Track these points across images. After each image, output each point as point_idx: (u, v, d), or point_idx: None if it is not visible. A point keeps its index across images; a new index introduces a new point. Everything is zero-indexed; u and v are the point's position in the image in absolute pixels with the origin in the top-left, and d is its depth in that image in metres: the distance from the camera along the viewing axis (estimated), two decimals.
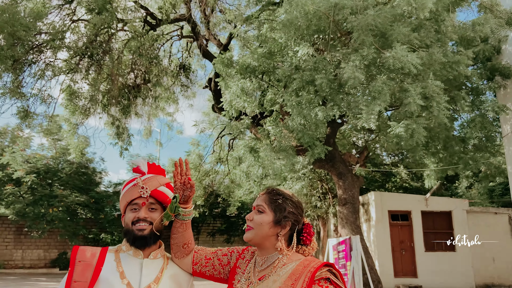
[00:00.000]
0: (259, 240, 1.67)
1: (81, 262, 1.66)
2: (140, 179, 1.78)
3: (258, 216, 1.67)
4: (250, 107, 9.73)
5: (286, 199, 1.70)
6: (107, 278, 1.64)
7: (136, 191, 1.75)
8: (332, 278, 1.53)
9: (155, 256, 1.77)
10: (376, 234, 13.93)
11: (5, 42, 7.37)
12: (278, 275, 1.57)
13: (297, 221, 1.69)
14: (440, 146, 10.50)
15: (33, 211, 18.35)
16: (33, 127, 8.62)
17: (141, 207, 1.75)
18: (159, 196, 1.79)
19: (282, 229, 1.65)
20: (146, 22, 10.02)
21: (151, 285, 1.67)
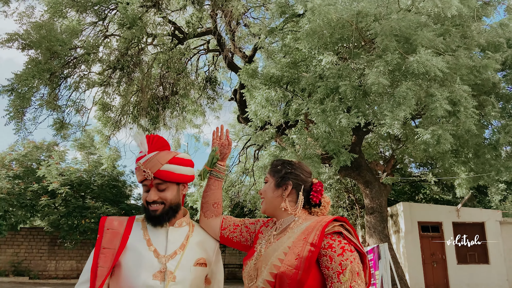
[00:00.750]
0: (271, 208, 1.75)
1: (109, 230, 1.74)
2: (140, 162, 1.76)
3: (265, 186, 1.79)
4: (275, 117, 9.85)
5: (284, 162, 1.79)
6: (135, 245, 1.71)
7: (141, 174, 1.75)
8: (344, 233, 1.55)
9: (180, 224, 1.83)
10: (405, 245, 13.60)
11: (43, 56, 7.82)
12: (293, 232, 1.62)
13: (299, 179, 1.74)
14: (471, 153, 10.25)
15: (67, 223, 18.92)
16: (68, 137, 9.01)
17: (149, 188, 1.76)
18: (164, 176, 1.74)
19: (285, 190, 1.72)
20: (174, 36, 10.39)
21: (177, 251, 1.73)
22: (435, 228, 14.05)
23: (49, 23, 8.02)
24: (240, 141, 13.35)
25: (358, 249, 1.54)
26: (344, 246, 1.49)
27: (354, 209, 15.21)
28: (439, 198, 19.10)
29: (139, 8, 8.68)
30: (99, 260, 1.67)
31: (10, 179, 19.08)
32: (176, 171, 1.78)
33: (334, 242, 1.50)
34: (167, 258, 1.70)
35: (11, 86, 7.71)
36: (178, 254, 1.73)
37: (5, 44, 7.59)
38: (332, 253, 1.48)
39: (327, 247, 1.49)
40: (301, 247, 1.50)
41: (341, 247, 1.49)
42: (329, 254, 1.48)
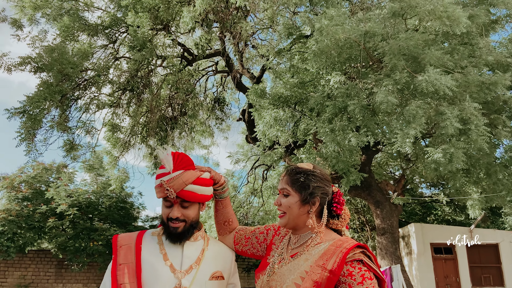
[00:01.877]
0: (293, 223, 1.65)
1: (123, 247, 1.73)
2: (163, 179, 1.71)
3: (285, 200, 1.64)
4: (283, 137, 9.83)
5: (308, 174, 1.64)
6: (150, 260, 1.69)
7: (163, 191, 1.71)
8: (365, 260, 1.48)
9: (195, 239, 1.80)
10: (418, 268, 13.28)
11: (54, 79, 7.95)
12: (310, 254, 1.55)
13: (325, 193, 1.63)
14: (482, 173, 10.09)
15: (74, 245, 18.84)
16: (77, 158, 9.07)
17: (172, 204, 1.73)
18: (187, 196, 1.71)
19: (312, 206, 1.61)
20: (183, 58, 10.54)
21: (193, 266, 1.71)
22: (448, 250, 13.74)
23: (61, 46, 8.19)
24: (248, 162, 13.32)
25: (377, 275, 1.48)
26: (364, 274, 1.44)
27: (364, 230, 14.97)
28: (451, 219, 18.75)
29: (149, 31, 8.85)
30: (118, 278, 1.64)
31: (19, 201, 19.16)
32: (199, 192, 1.74)
33: (354, 269, 1.45)
34: (182, 273, 1.68)
35: (23, 108, 7.82)
36: (194, 269, 1.71)
37: (18, 67, 7.75)
38: (351, 281, 1.43)
39: (347, 275, 1.44)
40: (319, 274, 1.45)
41: (361, 275, 1.43)
42: (348, 282, 1.43)
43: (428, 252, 13.46)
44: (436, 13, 7.18)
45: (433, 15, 7.27)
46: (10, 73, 7.55)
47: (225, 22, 9.15)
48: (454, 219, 18.82)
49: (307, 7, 10.34)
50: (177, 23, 9.61)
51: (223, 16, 9.19)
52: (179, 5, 8.96)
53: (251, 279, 23.75)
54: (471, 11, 7.99)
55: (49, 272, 21.40)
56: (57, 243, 18.81)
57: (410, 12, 7.77)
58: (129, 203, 21.84)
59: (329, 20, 7.66)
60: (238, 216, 13.43)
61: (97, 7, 9.47)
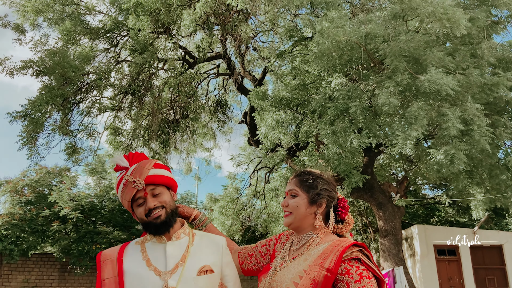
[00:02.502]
0: (298, 223, 1.67)
1: (105, 262, 1.70)
2: (127, 175, 1.71)
3: (293, 200, 1.68)
4: (285, 139, 9.82)
5: (316, 177, 1.70)
6: (134, 269, 1.65)
7: (131, 188, 1.69)
8: (363, 259, 1.49)
9: (178, 237, 1.74)
10: (421, 270, 13.22)
11: (56, 82, 7.98)
12: (309, 254, 1.57)
13: (332, 197, 1.69)
14: (485, 174, 10.05)
15: (77, 248, 18.87)
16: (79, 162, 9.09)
17: (145, 198, 1.70)
18: (155, 180, 1.72)
19: (319, 207, 1.66)
20: (184, 61, 10.56)
21: (178, 264, 1.66)
22: (452, 251, 13.67)
23: (62, 50, 8.23)
24: (251, 164, 13.32)
25: (376, 275, 1.50)
26: (362, 272, 1.45)
27: (367, 232, 14.93)
28: (454, 221, 18.66)
29: (150, 34, 8.87)
30: None
31: (22, 205, 19.21)
32: (164, 174, 1.76)
33: (351, 268, 1.46)
34: (168, 274, 1.63)
35: (25, 112, 7.85)
36: (180, 267, 1.65)
37: (20, 71, 7.78)
38: (349, 280, 1.44)
39: (345, 273, 1.46)
40: (316, 272, 1.47)
41: (358, 274, 1.45)
42: (346, 281, 1.44)
43: (431, 254, 13.40)
44: (436, 15, 7.17)
45: (433, 17, 7.26)
46: (12, 76, 7.59)
47: (226, 25, 9.17)
48: (458, 220, 18.73)
49: (308, 9, 10.35)
50: (178, 26, 9.64)
51: (224, 19, 9.21)
52: (180, 8, 8.99)
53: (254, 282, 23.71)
54: (472, 14, 7.98)
55: (52, 275, 21.42)
56: (60, 246, 18.85)
57: (410, 14, 7.77)
58: None
59: (330, 22, 7.66)
60: (241, 219, 13.42)
61: (99, 11, 9.51)
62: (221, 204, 13.43)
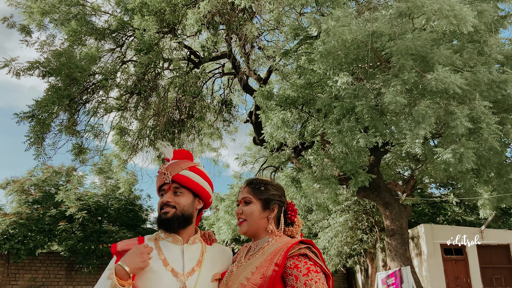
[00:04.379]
0: (254, 229, 1.77)
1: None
2: (162, 166, 1.83)
3: (247, 207, 1.78)
4: (291, 138, 9.79)
5: (267, 184, 1.83)
6: (151, 266, 1.66)
7: (161, 178, 1.80)
8: (310, 255, 1.59)
9: (193, 241, 1.81)
10: (428, 269, 13.15)
11: (62, 83, 8.01)
12: (263, 254, 1.67)
13: (282, 201, 1.82)
14: (493, 173, 9.96)
15: (84, 247, 18.97)
16: (86, 162, 9.13)
17: (166, 192, 1.79)
18: (181, 180, 1.79)
19: (271, 212, 1.78)
20: (189, 61, 10.56)
21: (195, 268, 1.71)
22: (459, 250, 13.58)
23: (68, 51, 8.26)
24: (256, 163, 13.30)
25: (323, 271, 1.59)
26: (310, 267, 1.55)
27: (373, 231, 14.86)
28: (460, 220, 18.53)
29: (155, 34, 8.87)
30: None
31: (29, 204, 19.32)
32: (194, 179, 1.82)
33: (300, 262, 1.57)
34: (185, 276, 1.68)
35: (32, 113, 7.88)
36: (196, 271, 1.71)
37: (27, 72, 7.81)
38: (297, 273, 1.54)
39: (293, 267, 1.56)
40: (266, 267, 1.57)
41: (306, 268, 1.54)
42: (294, 274, 1.54)
43: (438, 253, 13.32)
44: (443, 12, 7.10)
45: (439, 14, 7.19)
46: (18, 77, 7.63)
47: (231, 24, 9.15)
48: (464, 219, 18.60)
49: (313, 8, 10.30)
50: (183, 25, 9.63)
51: (229, 18, 9.19)
52: (185, 8, 8.98)
53: None
54: (479, 7, 7.89)
55: (59, 274, 21.54)
56: (67, 246, 18.95)
57: (416, 11, 7.70)
58: (137, 205, 21.94)
59: (336, 21, 7.62)
60: None
61: (104, 11, 9.53)
62: (226, 203, 13.43)
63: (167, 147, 1.91)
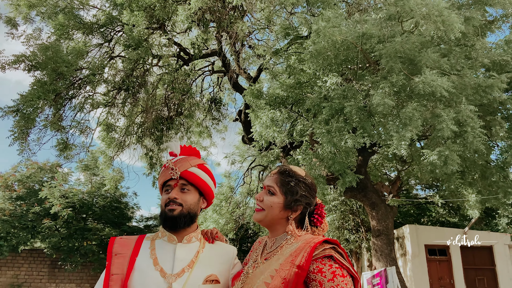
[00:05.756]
0: (269, 222, 1.63)
1: (118, 255, 1.67)
2: (170, 161, 1.77)
3: (269, 197, 1.61)
4: (279, 137, 9.80)
5: (299, 181, 1.63)
6: (141, 266, 1.63)
7: (167, 173, 1.73)
8: (336, 257, 1.43)
9: (189, 240, 1.73)
10: (413, 269, 13.30)
11: (48, 77, 7.87)
12: (282, 254, 1.52)
13: (309, 203, 1.63)
14: (478, 175, 10.11)
15: (68, 245, 18.73)
16: (71, 158, 8.98)
17: (173, 188, 1.72)
18: (190, 177, 1.74)
19: (293, 213, 1.60)
20: (179, 58, 10.47)
21: (185, 269, 1.63)
22: (442, 251, 13.78)
23: (55, 45, 8.12)
24: (245, 162, 13.29)
25: (351, 273, 1.44)
26: (335, 271, 1.40)
27: (359, 231, 14.97)
28: (445, 221, 18.81)
29: (144, 30, 8.78)
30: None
31: (13, 200, 18.99)
32: (202, 177, 1.77)
33: (324, 266, 1.41)
34: (173, 277, 1.60)
35: (16, 107, 7.73)
36: (186, 272, 1.62)
37: (12, 66, 7.66)
38: (322, 278, 1.38)
39: (317, 271, 1.40)
40: (287, 270, 1.41)
41: (331, 272, 1.39)
42: (318, 279, 1.39)
43: (422, 254, 13.49)
44: (431, 17, 7.18)
45: (428, 19, 7.27)
46: (3, 71, 7.46)
47: (221, 21, 9.10)
48: (448, 220, 18.88)
49: (304, 7, 10.32)
50: (173, 22, 9.56)
51: (219, 16, 9.15)
52: (175, 4, 8.90)
53: None
54: (467, 14, 8.00)
55: (42, 271, 21.23)
56: (51, 243, 18.69)
57: (405, 15, 7.77)
58: (123, 203, 21.73)
59: (327, 22, 7.64)
60: (234, 217, 13.38)
61: (92, 6, 9.39)
62: (215, 202, 13.37)
63: (175, 141, 1.87)
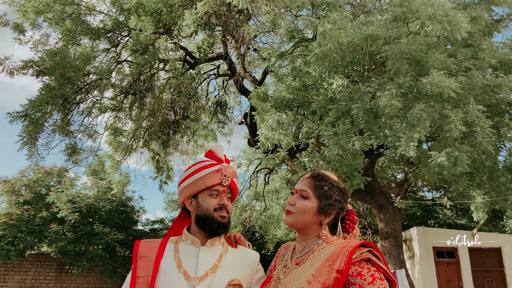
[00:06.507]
0: (301, 226, 1.61)
1: (143, 258, 1.68)
2: (223, 165, 1.77)
3: (301, 201, 1.60)
4: (285, 140, 9.80)
5: (333, 185, 1.61)
6: (166, 269, 1.64)
7: (218, 177, 1.73)
8: (374, 260, 1.43)
9: (212, 244, 1.73)
10: (421, 271, 13.22)
11: (56, 82, 7.93)
12: (315, 259, 1.50)
13: (342, 208, 1.61)
14: (486, 176, 10.06)
15: (74, 249, 18.78)
16: (79, 162, 9.04)
17: (221, 194, 1.73)
18: (233, 188, 1.79)
19: (326, 217, 1.59)
20: (185, 61, 10.52)
21: (208, 273, 1.63)
22: (451, 253, 13.68)
23: (63, 50, 8.19)
24: (251, 165, 13.29)
25: (387, 276, 1.44)
26: (374, 274, 1.40)
27: (366, 234, 14.91)
28: (452, 223, 18.69)
29: (151, 34, 8.83)
30: None
31: (20, 205, 19.09)
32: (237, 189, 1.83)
33: (363, 269, 1.41)
34: (197, 280, 1.61)
35: (25, 112, 7.79)
36: (209, 276, 1.63)
37: (20, 71, 7.73)
38: (361, 282, 1.38)
39: (356, 275, 1.40)
40: (326, 275, 1.40)
41: (371, 275, 1.39)
42: (358, 283, 1.38)
43: (430, 256, 13.41)
44: (437, 17, 7.17)
45: (434, 20, 7.25)
46: (12, 76, 7.54)
47: (227, 25, 9.14)
48: (456, 222, 18.75)
49: (308, 10, 10.35)
50: (179, 26, 9.61)
51: (225, 20, 9.19)
52: (181, 9, 8.96)
53: None
54: (473, 13, 7.98)
55: (49, 276, 21.29)
56: (58, 247, 18.75)
57: (411, 16, 7.77)
58: (129, 206, 21.77)
59: (332, 24, 7.65)
60: (241, 221, 13.37)
61: (99, 11, 9.47)
62: None
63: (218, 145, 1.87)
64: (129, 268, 21.12)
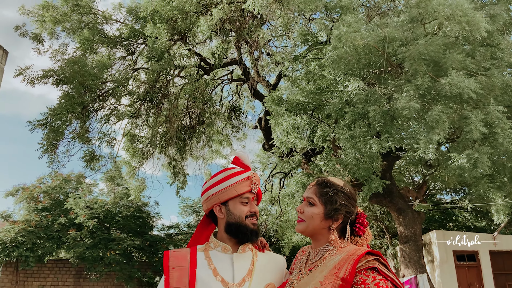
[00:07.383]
0: (311, 233, 1.65)
1: (175, 268, 1.69)
2: (252, 173, 1.79)
3: (309, 208, 1.65)
4: (301, 144, 9.77)
5: (338, 191, 1.65)
6: (202, 277, 1.66)
7: (248, 185, 1.75)
8: (380, 268, 1.45)
9: (243, 250, 1.75)
10: (441, 276, 13.00)
11: (75, 90, 8.06)
12: (325, 266, 1.53)
13: (349, 212, 1.64)
14: (507, 178, 9.85)
15: (92, 255, 18.97)
16: (98, 169, 9.16)
17: (251, 202, 1.75)
18: (259, 195, 1.81)
19: (334, 222, 1.62)
20: (200, 67, 10.60)
21: (245, 278, 1.66)
22: (471, 257, 13.43)
23: (81, 59, 8.32)
24: (266, 169, 13.28)
25: (395, 284, 1.45)
26: (379, 282, 1.41)
27: (384, 237, 14.74)
28: (471, 226, 18.33)
29: (166, 41, 8.93)
30: None
31: (38, 212, 19.38)
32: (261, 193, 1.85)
33: (367, 278, 1.43)
34: (235, 286, 1.64)
35: (45, 120, 7.94)
36: (247, 282, 1.65)
37: (41, 80, 7.88)
38: None
39: (360, 283, 1.42)
40: (331, 283, 1.43)
41: (375, 284, 1.41)
42: None
43: (450, 260, 13.18)
44: (456, 18, 7.09)
45: (452, 20, 7.17)
46: (33, 86, 7.70)
47: (241, 30, 9.19)
48: (475, 225, 18.39)
49: (322, 13, 10.32)
50: (194, 33, 9.69)
51: (239, 25, 9.23)
52: (196, 15, 9.04)
53: None
54: (491, 11, 7.86)
55: (67, 281, 21.54)
56: (76, 253, 18.98)
57: (428, 17, 7.69)
58: (145, 212, 21.94)
59: (347, 27, 7.62)
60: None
61: (116, 20, 9.61)
62: None
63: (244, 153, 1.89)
64: (145, 273, 21.24)
